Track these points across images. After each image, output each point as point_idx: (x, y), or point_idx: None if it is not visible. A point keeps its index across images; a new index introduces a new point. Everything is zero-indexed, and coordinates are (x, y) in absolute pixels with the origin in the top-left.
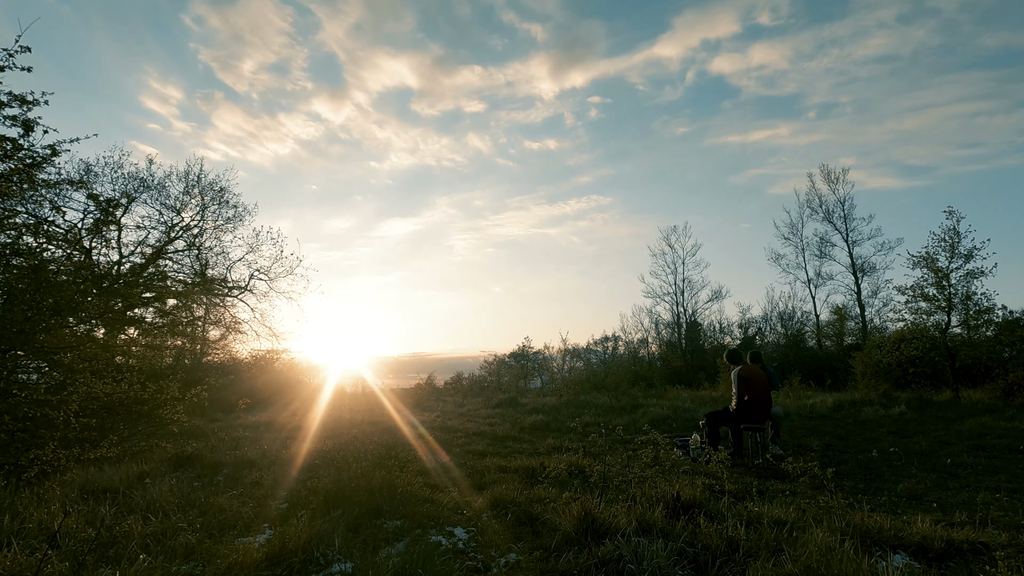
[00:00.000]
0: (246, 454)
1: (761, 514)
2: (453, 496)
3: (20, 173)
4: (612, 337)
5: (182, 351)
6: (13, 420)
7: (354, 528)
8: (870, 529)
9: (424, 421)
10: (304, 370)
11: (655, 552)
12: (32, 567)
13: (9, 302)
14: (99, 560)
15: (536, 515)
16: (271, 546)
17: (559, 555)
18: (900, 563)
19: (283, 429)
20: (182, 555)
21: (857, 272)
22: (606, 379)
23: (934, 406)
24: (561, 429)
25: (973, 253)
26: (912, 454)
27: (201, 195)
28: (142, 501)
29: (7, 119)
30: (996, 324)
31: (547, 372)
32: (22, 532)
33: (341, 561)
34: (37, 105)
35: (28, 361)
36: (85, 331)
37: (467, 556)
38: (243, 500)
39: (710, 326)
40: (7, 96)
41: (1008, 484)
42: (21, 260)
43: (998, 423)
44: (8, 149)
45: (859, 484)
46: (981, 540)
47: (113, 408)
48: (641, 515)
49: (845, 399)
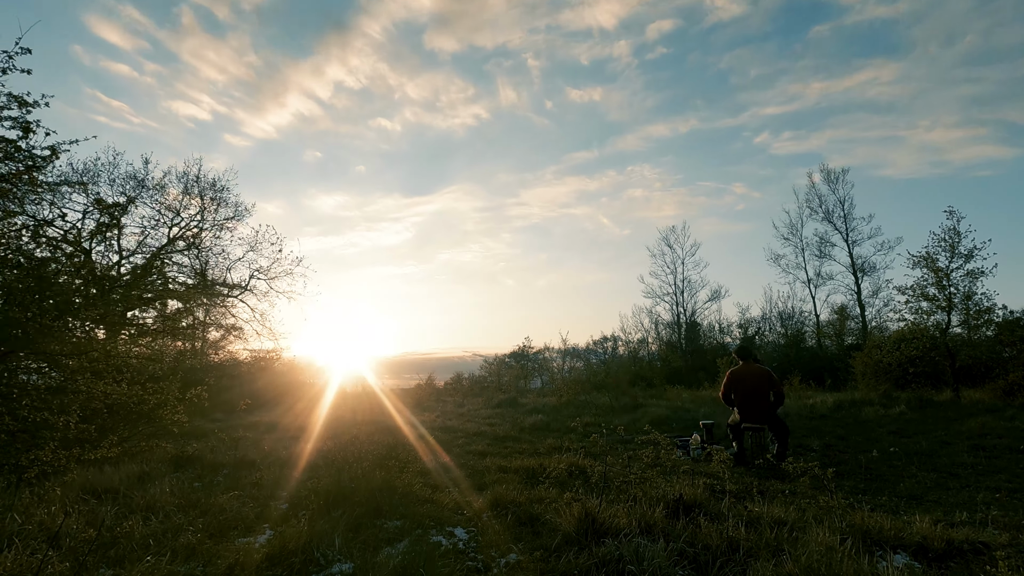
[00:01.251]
0: (246, 455)
1: (761, 514)
2: (453, 496)
3: (20, 175)
4: (612, 337)
5: (182, 352)
6: (14, 421)
7: (354, 528)
8: (870, 529)
9: (424, 421)
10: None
11: (656, 552)
12: (33, 567)
13: (9, 303)
14: (100, 561)
15: (536, 515)
16: (272, 546)
17: (559, 555)
18: (901, 563)
19: (283, 429)
20: (183, 555)
21: (857, 272)
22: (606, 379)
23: (934, 406)
24: (561, 429)
25: (973, 253)
26: (912, 454)
27: (200, 195)
28: (143, 501)
29: (6, 120)
30: (996, 324)
31: (547, 372)
32: (23, 533)
33: (341, 561)
34: (37, 107)
35: (29, 362)
36: (85, 332)
37: (467, 556)
38: (244, 500)
39: (710, 326)
40: (7, 98)
41: (1008, 484)
42: (21, 260)
43: (998, 423)
44: (8, 151)
45: (859, 484)
46: (981, 540)
47: (114, 409)
48: (642, 515)
49: (845, 399)
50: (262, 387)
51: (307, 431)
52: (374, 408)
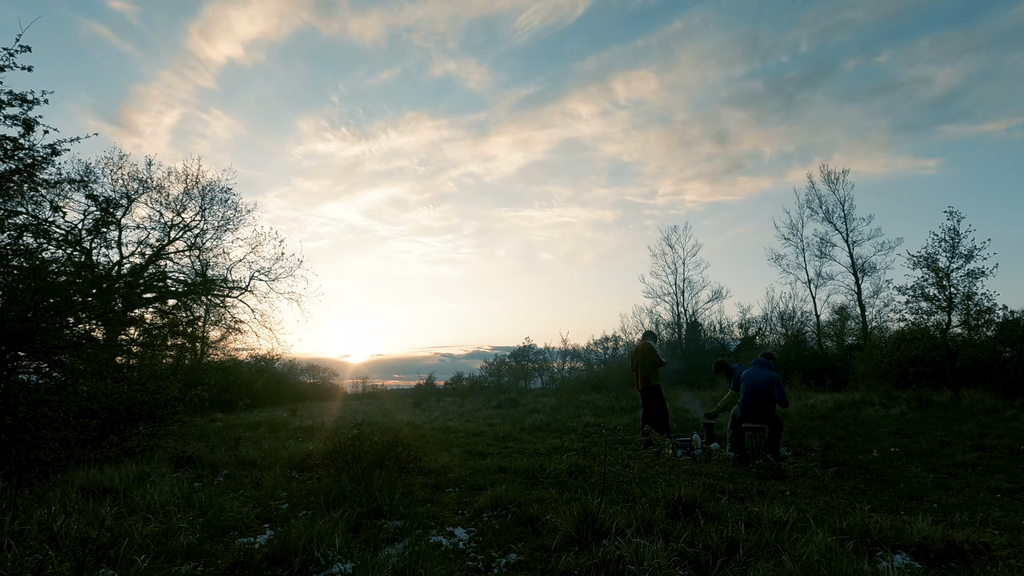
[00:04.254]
0: (246, 454)
1: (762, 514)
2: (453, 496)
3: (21, 173)
4: (612, 337)
5: (182, 351)
6: (14, 421)
7: (355, 528)
8: (871, 529)
9: (424, 421)
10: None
11: (655, 552)
12: (33, 568)
13: (10, 303)
14: (100, 560)
15: (536, 515)
16: (272, 546)
17: (560, 555)
18: (901, 563)
19: (283, 429)
20: (183, 555)
21: (857, 272)
22: (606, 379)
23: (935, 406)
24: (561, 429)
25: (973, 253)
26: (913, 454)
27: (201, 196)
28: (142, 501)
29: (8, 119)
30: (997, 324)
31: (547, 372)
32: (23, 533)
33: (342, 561)
34: (37, 104)
35: (29, 362)
36: (85, 331)
37: (467, 556)
38: (244, 500)
39: (710, 326)
40: (7, 95)
41: (1008, 484)
42: (21, 260)
43: (998, 423)
44: (9, 148)
45: (860, 484)
46: (982, 540)
47: (114, 408)
48: (642, 515)
49: (846, 399)
50: (262, 386)
51: (307, 431)
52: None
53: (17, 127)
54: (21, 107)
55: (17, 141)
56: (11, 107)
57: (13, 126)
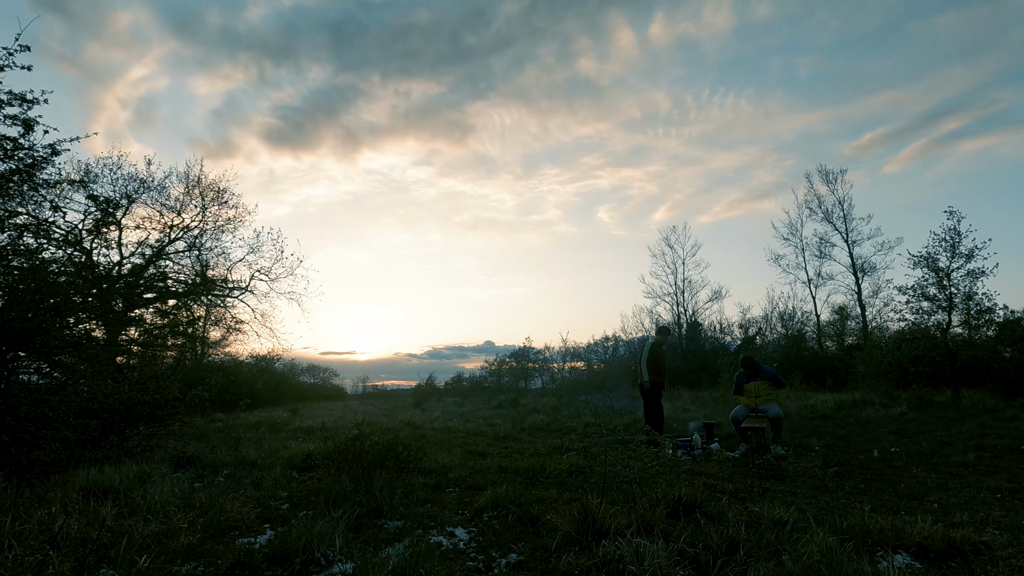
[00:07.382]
0: (247, 454)
1: (762, 514)
2: (454, 496)
3: (21, 173)
4: (612, 337)
5: (183, 351)
6: (15, 421)
7: (355, 528)
8: (871, 529)
9: (425, 421)
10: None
11: (656, 552)
12: (34, 567)
13: (10, 303)
14: (100, 561)
15: (537, 515)
16: (272, 546)
17: (560, 555)
18: (901, 563)
19: (284, 429)
20: (183, 555)
21: (857, 272)
22: (606, 379)
23: (935, 406)
24: (562, 429)
25: (974, 253)
26: (913, 454)
27: (201, 196)
28: (143, 501)
29: (7, 118)
30: (997, 324)
31: (547, 372)
32: (23, 533)
33: (342, 561)
34: (37, 104)
35: (29, 362)
36: (85, 332)
37: (468, 556)
38: (244, 500)
39: (710, 326)
40: (7, 95)
41: (1009, 484)
42: (22, 261)
43: (999, 423)
44: (8, 148)
45: (860, 484)
46: (982, 540)
47: (114, 408)
48: (642, 515)
49: (846, 399)
50: (263, 387)
51: (307, 431)
52: (375, 407)
53: (17, 127)
54: (21, 107)
55: (17, 141)
56: (11, 107)
57: (13, 126)
